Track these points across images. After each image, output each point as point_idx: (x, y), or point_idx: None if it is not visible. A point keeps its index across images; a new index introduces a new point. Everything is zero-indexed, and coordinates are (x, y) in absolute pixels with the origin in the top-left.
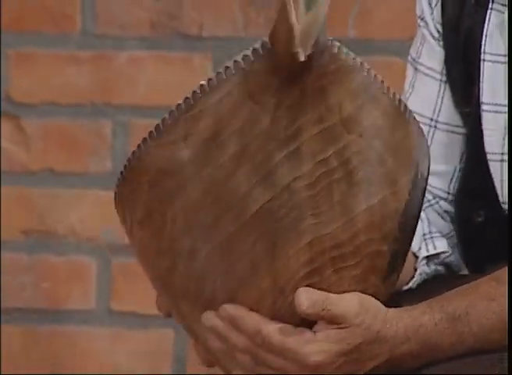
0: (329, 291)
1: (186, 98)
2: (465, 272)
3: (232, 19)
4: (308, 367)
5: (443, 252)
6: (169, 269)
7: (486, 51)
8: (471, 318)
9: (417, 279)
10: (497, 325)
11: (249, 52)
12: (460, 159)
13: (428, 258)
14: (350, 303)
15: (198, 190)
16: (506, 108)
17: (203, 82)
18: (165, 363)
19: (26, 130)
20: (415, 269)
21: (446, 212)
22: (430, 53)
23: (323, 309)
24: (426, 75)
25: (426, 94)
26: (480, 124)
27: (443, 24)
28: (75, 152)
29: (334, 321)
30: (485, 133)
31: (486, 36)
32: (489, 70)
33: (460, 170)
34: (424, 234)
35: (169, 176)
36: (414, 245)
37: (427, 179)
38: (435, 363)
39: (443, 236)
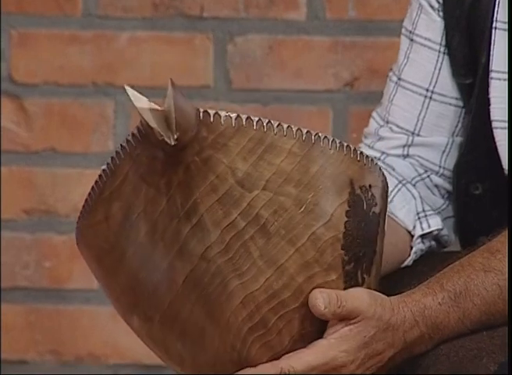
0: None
1: (96, 181)
2: (456, 245)
3: None
4: (339, 370)
5: (437, 229)
6: (142, 334)
7: (498, 19)
8: (472, 292)
9: (412, 257)
10: (498, 295)
11: (130, 137)
12: (454, 132)
13: (423, 236)
14: (362, 296)
15: (132, 265)
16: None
17: (103, 166)
18: None
19: (28, 109)
20: (411, 248)
21: (436, 186)
22: (428, 24)
23: (339, 306)
24: (423, 45)
25: (422, 64)
26: (487, 93)
27: None
28: (77, 132)
29: (349, 316)
30: (492, 100)
31: (499, 4)
32: (501, 38)
33: (453, 143)
34: (418, 213)
35: (107, 253)
36: (409, 224)
37: (372, 186)
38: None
39: (435, 212)
